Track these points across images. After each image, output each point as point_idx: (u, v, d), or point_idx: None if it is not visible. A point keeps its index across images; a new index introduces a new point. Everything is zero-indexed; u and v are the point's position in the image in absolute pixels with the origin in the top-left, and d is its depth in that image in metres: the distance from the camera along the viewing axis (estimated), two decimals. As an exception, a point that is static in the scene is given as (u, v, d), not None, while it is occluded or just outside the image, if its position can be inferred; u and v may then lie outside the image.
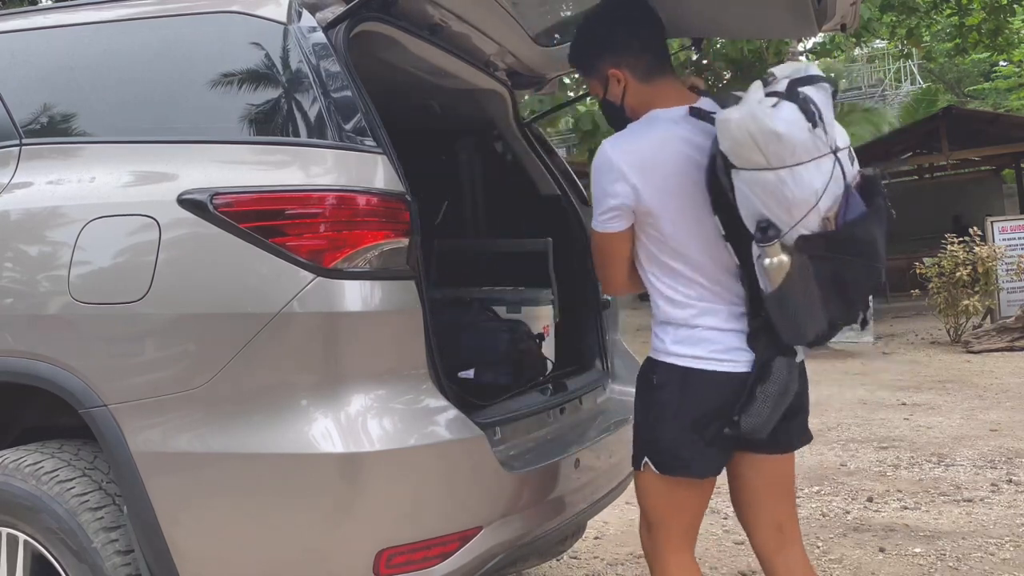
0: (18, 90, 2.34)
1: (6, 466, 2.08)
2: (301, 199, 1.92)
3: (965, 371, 8.97)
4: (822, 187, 1.88)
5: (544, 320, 3.12)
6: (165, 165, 2.05)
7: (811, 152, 1.85)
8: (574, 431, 2.67)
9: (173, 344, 1.95)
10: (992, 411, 6.73)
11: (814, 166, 1.86)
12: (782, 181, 1.84)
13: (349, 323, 1.90)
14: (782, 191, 1.85)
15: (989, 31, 13.64)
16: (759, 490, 2.22)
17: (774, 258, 1.91)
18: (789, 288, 1.92)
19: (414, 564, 1.92)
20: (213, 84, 2.14)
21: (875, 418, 6.69)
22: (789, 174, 1.84)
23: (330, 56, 2.06)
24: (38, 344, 2.05)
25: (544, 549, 2.59)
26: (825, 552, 3.75)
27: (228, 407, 1.90)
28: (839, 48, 16.31)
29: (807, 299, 1.94)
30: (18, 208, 2.17)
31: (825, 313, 1.98)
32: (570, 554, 3.83)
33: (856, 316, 2.05)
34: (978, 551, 3.68)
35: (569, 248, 3.20)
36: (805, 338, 2.02)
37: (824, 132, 1.86)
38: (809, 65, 2.00)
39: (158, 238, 1.96)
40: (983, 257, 11.08)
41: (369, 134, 2.00)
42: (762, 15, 2.91)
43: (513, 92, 3.25)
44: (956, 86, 29.15)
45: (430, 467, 1.96)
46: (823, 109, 1.87)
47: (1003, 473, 4.89)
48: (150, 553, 1.94)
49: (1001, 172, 21.50)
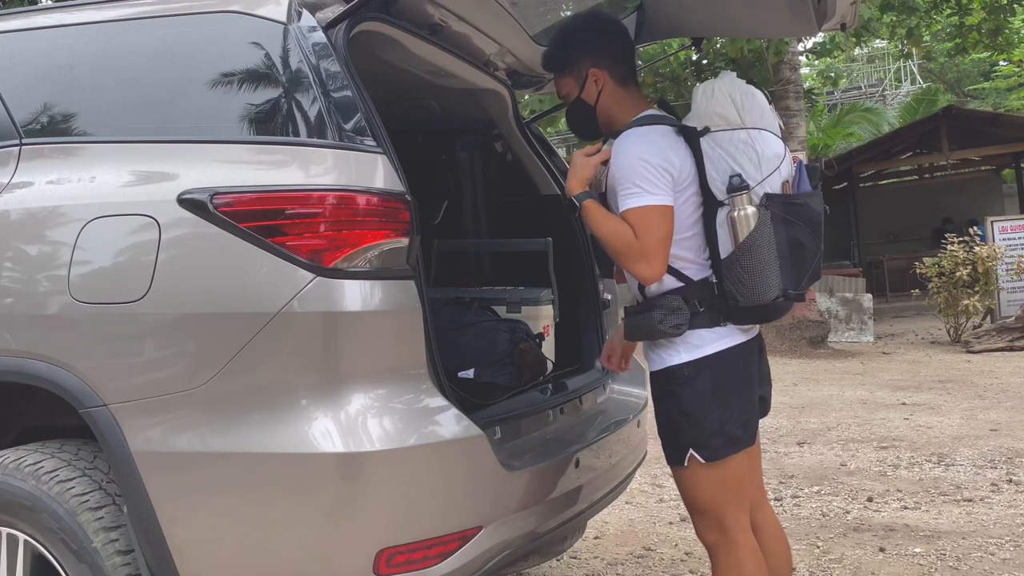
0: (18, 90, 2.33)
1: (6, 466, 2.07)
2: (301, 199, 1.92)
3: (965, 371, 8.97)
4: (782, 152, 2.24)
5: (544, 320, 3.12)
6: (165, 165, 2.05)
7: (770, 124, 2.26)
8: (574, 431, 2.67)
9: (173, 344, 1.95)
10: (992, 411, 6.73)
11: (772, 136, 2.24)
12: (752, 138, 2.19)
13: (349, 323, 1.90)
14: (752, 146, 2.18)
15: (989, 31, 13.64)
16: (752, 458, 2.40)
17: (743, 209, 2.14)
18: (753, 241, 2.14)
19: (414, 564, 1.92)
20: (213, 84, 2.14)
21: (875, 418, 6.69)
22: (757, 134, 2.20)
23: (330, 56, 2.06)
24: (38, 344, 2.05)
25: (544, 549, 2.59)
26: (825, 552, 3.75)
27: (228, 407, 1.90)
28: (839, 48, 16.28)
29: (768, 256, 2.15)
30: (18, 208, 2.17)
31: (780, 277, 2.17)
32: (570, 554, 3.83)
33: (802, 287, 2.23)
34: (978, 551, 3.68)
35: (569, 248, 3.20)
36: (765, 295, 2.16)
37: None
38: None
39: (158, 238, 1.96)
40: (983, 257, 11.08)
41: (369, 134, 2.00)
42: (762, 14, 2.91)
43: (513, 92, 3.25)
44: (956, 86, 29.14)
45: (430, 467, 1.96)
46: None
47: (1003, 473, 4.89)
48: (150, 553, 1.94)
49: (1001, 172, 21.51)
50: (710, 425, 2.20)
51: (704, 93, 2.25)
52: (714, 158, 2.19)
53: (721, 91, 2.22)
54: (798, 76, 12.70)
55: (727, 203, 2.16)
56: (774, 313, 2.26)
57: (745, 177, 2.15)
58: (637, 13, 3.00)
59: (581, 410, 2.85)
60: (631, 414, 2.92)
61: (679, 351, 2.22)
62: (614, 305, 3.25)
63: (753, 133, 2.20)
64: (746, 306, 2.18)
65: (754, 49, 11.86)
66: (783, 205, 2.19)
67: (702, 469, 2.23)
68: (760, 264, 2.14)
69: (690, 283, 2.23)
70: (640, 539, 4.04)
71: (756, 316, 2.25)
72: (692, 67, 13.72)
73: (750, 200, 2.15)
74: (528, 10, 2.92)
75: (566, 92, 2.43)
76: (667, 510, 4.43)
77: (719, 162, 2.18)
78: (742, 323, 2.26)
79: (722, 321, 2.23)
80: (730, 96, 2.21)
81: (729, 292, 2.18)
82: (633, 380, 3.19)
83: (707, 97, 2.23)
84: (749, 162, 2.17)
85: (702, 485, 2.25)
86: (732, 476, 2.26)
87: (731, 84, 2.25)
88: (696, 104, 2.26)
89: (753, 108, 2.22)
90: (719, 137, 2.19)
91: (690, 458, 2.22)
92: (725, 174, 2.17)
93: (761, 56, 12.06)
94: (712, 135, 2.19)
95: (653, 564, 3.72)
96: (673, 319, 2.20)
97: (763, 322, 2.32)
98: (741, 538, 2.25)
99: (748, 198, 2.15)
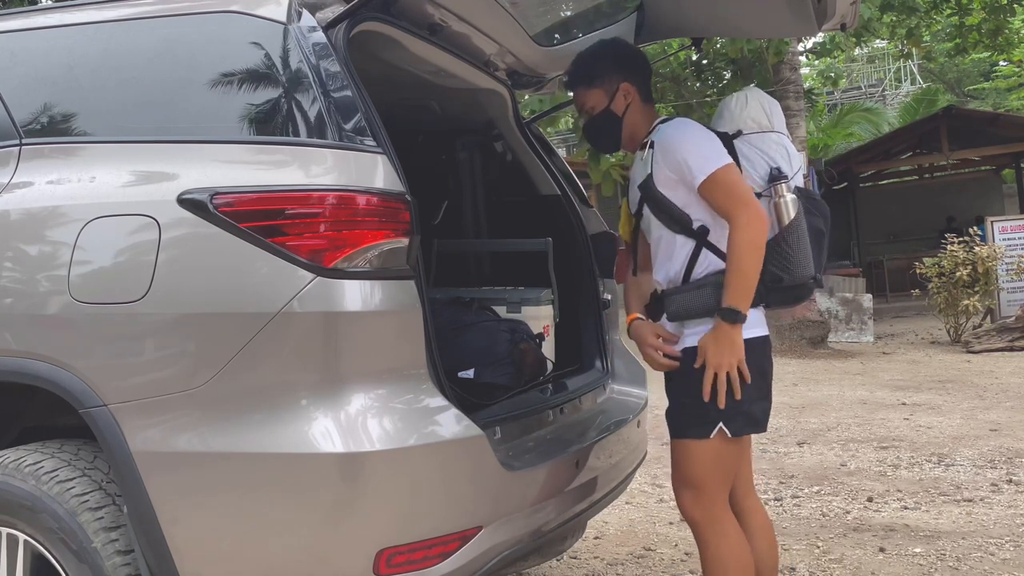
0: (18, 90, 2.33)
1: (6, 466, 2.07)
2: (301, 199, 1.92)
3: (965, 371, 8.97)
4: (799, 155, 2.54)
5: (544, 320, 3.12)
6: (165, 165, 2.05)
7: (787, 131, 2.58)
8: (574, 431, 2.67)
9: (173, 344, 1.95)
10: (992, 411, 6.73)
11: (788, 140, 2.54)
12: (781, 138, 2.50)
13: (349, 323, 1.90)
14: (783, 145, 2.48)
15: (989, 31, 13.64)
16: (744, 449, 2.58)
17: (785, 196, 2.38)
18: (797, 223, 2.37)
19: (414, 564, 1.92)
20: (213, 84, 2.14)
21: (875, 418, 6.69)
22: (784, 137, 2.51)
23: (330, 56, 2.06)
24: (38, 344, 2.05)
25: (544, 549, 2.59)
26: (825, 552, 3.75)
27: (228, 407, 1.90)
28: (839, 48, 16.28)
29: (806, 238, 2.39)
30: (18, 208, 2.16)
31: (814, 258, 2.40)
32: (570, 554, 3.83)
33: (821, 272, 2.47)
34: (978, 551, 3.68)
35: (569, 248, 3.20)
36: (808, 272, 2.38)
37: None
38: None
39: (158, 238, 1.96)
40: (983, 257, 11.08)
41: (369, 134, 2.00)
42: (762, 14, 2.92)
43: (513, 92, 3.25)
44: (956, 86, 29.15)
45: (430, 467, 1.96)
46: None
47: (1003, 473, 4.89)
48: (150, 553, 1.94)
49: (1001, 172, 21.51)
50: (740, 402, 2.33)
51: (738, 101, 2.52)
52: (751, 156, 2.45)
53: (754, 99, 2.52)
54: (798, 76, 12.69)
55: (766, 193, 2.39)
56: (805, 293, 2.49)
57: (782, 168, 2.42)
58: (637, 13, 3.00)
59: (581, 410, 2.85)
60: (631, 414, 2.92)
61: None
62: (614, 305, 3.25)
63: (782, 137, 2.51)
64: (789, 285, 2.39)
65: (754, 49, 11.86)
66: (806, 198, 2.46)
67: (719, 444, 2.36)
68: (803, 244, 2.37)
69: None
70: (640, 539, 4.04)
71: (791, 297, 2.49)
72: (692, 67, 13.72)
73: (789, 188, 2.39)
74: (528, 10, 2.92)
75: (592, 104, 2.56)
76: (667, 510, 4.43)
77: (756, 159, 2.44)
78: (778, 306, 2.50)
79: (759, 303, 2.39)
80: (761, 104, 2.51)
81: (773, 274, 2.36)
82: (633, 380, 3.19)
83: (741, 104, 2.51)
84: (783, 159, 2.45)
85: (711, 460, 2.38)
86: (735, 457, 2.43)
87: (760, 94, 2.55)
88: (730, 110, 2.53)
89: (779, 115, 2.54)
90: (753, 139, 2.47)
91: (718, 431, 2.33)
92: (764, 169, 2.43)
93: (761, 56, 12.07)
94: (746, 137, 2.47)
95: (653, 564, 3.72)
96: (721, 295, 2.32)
97: (796, 303, 2.57)
98: (726, 516, 2.44)
99: (787, 186, 2.39)
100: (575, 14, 3.31)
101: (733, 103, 2.53)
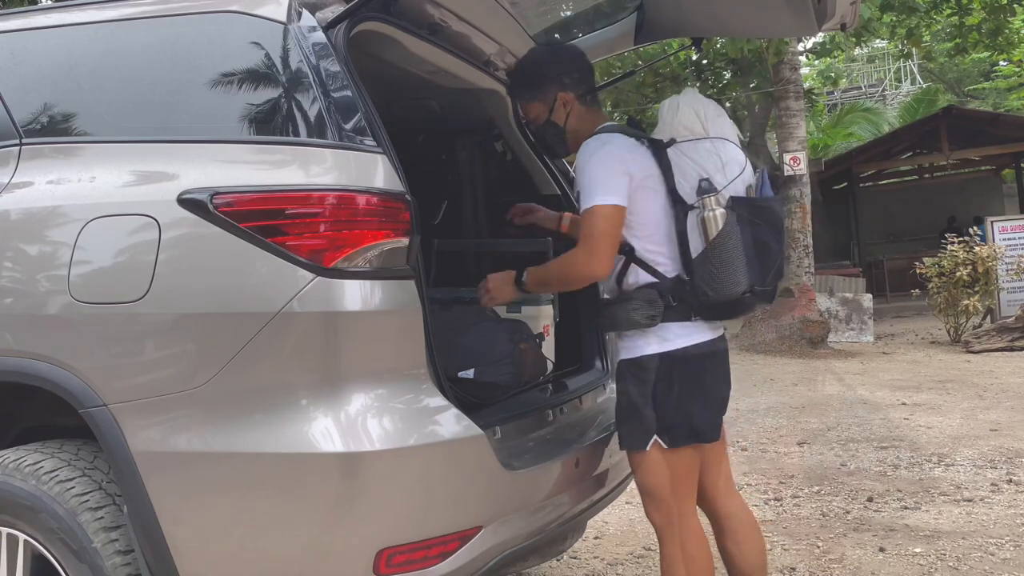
0: (18, 90, 2.33)
1: (6, 466, 2.07)
2: (301, 199, 1.92)
3: (965, 371, 8.97)
4: (743, 160, 2.44)
5: (544, 320, 3.12)
6: (165, 164, 2.05)
7: (731, 135, 2.46)
8: (574, 431, 2.67)
9: (173, 344, 1.95)
10: (992, 411, 6.73)
11: (732, 146, 2.44)
12: (715, 147, 2.40)
13: (349, 322, 1.90)
14: (716, 154, 2.38)
15: (989, 31, 13.63)
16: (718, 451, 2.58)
17: (712, 210, 2.31)
18: (723, 239, 2.30)
19: (414, 564, 1.92)
20: (213, 84, 2.14)
21: (875, 418, 6.70)
22: (720, 143, 2.41)
23: (330, 56, 2.06)
24: (38, 344, 2.05)
25: (544, 549, 2.59)
26: (825, 552, 3.75)
27: (228, 406, 1.90)
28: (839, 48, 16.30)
29: (735, 253, 2.31)
30: (18, 208, 2.17)
31: (747, 273, 2.32)
32: (570, 554, 3.83)
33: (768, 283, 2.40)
34: (978, 551, 3.68)
35: (569, 248, 3.19)
36: (735, 289, 2.32)
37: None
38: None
39: (158, 238, 1.96)
40: (983, 257, 11.09)
41: (369, 134, 2.00)
42: (762, 14, 2.91)
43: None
44: (956, 86, 29.14)
45: (430, 467, 1.96)
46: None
47: (1003, 473, 4.89)
48: (150, 553, 1.94)
49: (1001, 172, 21.51)
50: (674, 414, 2.35)
51: (670, 108, 2.47)
52: (682, 166, 2.37)
53: (686, 105, 2.45)
54: (798, 76, 12.70)
55: (697, 206, 2.32)
56: (741, 309, 2.43)
57: (712, 182, 2.33)
58: (637, 13, 3.00)
59: (581, 410, 2.85)
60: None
61: (651, 342, 2.37)
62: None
63: (716, 142, 2.41)
64: (716, 301, 2.33)
65: (754, 49, 11.87)
66: (748, 208, 2.36)
67: (661, 455, 2.37)
68: (729, 260, 2.30)
69: (664, 279, 2.38)
70: (640, 539, 4.04)
71: (725, 311, 2.41)
72: (692, 67, 13.73)
73: (718, 202, 2.31)
74: (528, 10, 2.93)
75: (535, 115, 2.61)
76: (667, 510, 4.42)
77: (687, 169, 2.36)
78: (711, 318, 2.41)
79: (692, 316, 2.37)
80: (694, 110, 2.43)
81: (700, 288, 2.33)
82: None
83: (673, 111, 2.45)
84: (715, 168, 2.36)
85: (657, 470, 2.39)
86: (686, 465, 2.42)
87: (695, 99, 2.48)
88: (662, 118, 2.47)
89: (715, 120, 2.44)
90: (684, 147, 2.39)
91: (653, 443, 2.36)
92: (693, 179, 2.35)
93: (761, 56, 12.08)
94: (678, 145, 2.40)
95: (653, 564, 3.72)
96: (648, 310, 2.35)
97: (731, 317, 2.48)
98: (686, 523, 2.43)
99: (716, 200, 2.31)
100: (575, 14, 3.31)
101: (665, 110, 2.48)
